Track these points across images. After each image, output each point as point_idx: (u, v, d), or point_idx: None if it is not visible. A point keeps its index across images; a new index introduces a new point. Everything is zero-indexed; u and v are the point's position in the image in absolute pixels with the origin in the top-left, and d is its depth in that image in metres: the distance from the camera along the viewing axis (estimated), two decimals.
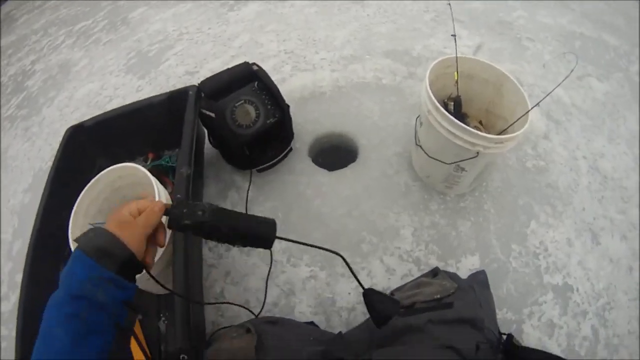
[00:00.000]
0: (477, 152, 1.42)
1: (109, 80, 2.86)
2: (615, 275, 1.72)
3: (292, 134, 1.98)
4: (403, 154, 2.00)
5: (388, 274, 1.65)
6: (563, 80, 1.50)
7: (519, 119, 1.45)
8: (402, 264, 1.68)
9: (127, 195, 1.51)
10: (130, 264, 0.71)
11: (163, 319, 1.51)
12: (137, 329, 1.48)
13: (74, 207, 1.31)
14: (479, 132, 1.35)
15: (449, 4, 1.74)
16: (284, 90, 1.82)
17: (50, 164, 2.19)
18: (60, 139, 1.66)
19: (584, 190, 1.98)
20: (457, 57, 1.60)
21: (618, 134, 2.27)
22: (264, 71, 1.78)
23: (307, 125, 2.14)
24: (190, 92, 1.65)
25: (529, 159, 2.06)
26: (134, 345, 1.30)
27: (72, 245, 1.23)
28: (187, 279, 1.16)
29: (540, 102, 1.47)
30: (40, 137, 2.62)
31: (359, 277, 0.81)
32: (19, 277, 1.36)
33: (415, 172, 1.91)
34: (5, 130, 2.85)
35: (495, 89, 1.67)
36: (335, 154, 2.15)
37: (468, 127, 1.36)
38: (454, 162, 1.55)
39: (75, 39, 3.64)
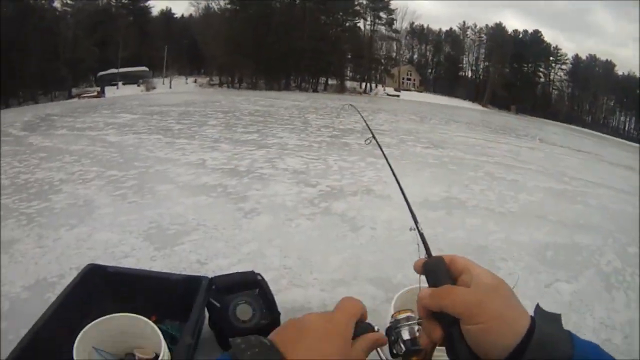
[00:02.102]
0: None
1: (128, 239, 3.19)
2: None
3: None
4: None
5: None
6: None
7: None
8: None
9: (128, 341, 1.76)
10: None
11: None
12: None
13: (85, 328, 1.54)
14: None
15: (417, 245, 2.13)
16: (278, 299, 2.14)
17: (55, 279, 2.41)
18: (71, 264, 1.92)
19: None
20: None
21: (584, 325, 2.46)
22: (265, 282, 2.17)
23: None
24: (204, 282, 2.01)
25: None
26: None
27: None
28: None
29: None
30: (53, 252, 2.79)
31: None
32: None
33: None
34: (20, 224, 3.09)
35: None
36: None
37: None
38: None
39: (104, 182, 4.12)
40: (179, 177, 4.59)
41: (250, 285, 2.15)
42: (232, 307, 2.05)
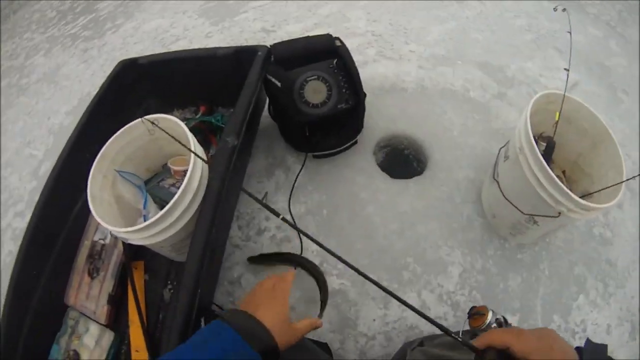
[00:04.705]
0: (559, 213, 1.23)
1: (181, 20, 2.74)
2: None
3: (362, 126, 1.77)
4: (474, 182, 1.77)
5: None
6: None
7: (609, 187, 1.27)
8: (439, 304, 1.50)
9: (163, 147, 1.36)
10: (272, 352, 0.75)
11: (170, 287, 1.43)
12: (141, 293, 1.39)
13: (102, 150, 1.19)
14: (570, 193, 1.17)
15: (569, 32, 1.45)
16: (363, 76, 1.61)
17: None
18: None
19: None
20: (564, 95, 1.37)
21: None
22: (347, 49, 1.57)
23: (380, 121, 1.93)
24: (260, 52, 1.45)
25: (597, 226, 1.79)
26: (132, 308, 1.34)
27: (90, 189, 1.11)
28: (204, 256, 1.01)
29: (637, 176, 1.26)
30: (97, 61, 2.54)
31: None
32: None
33: (482, 207, 1.70)
34: (65, 48, 2.80)
35: (592, 143, 1.45)
36: (402, 160, 1.96)
37: (560, 183, 1.17)
38: (530, 214, 1.35)
39: None
40: None
41: (325, 54, 1.55)
42: (298, 86, 1.49)
